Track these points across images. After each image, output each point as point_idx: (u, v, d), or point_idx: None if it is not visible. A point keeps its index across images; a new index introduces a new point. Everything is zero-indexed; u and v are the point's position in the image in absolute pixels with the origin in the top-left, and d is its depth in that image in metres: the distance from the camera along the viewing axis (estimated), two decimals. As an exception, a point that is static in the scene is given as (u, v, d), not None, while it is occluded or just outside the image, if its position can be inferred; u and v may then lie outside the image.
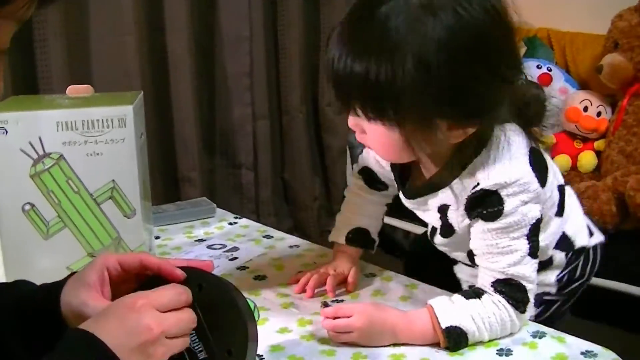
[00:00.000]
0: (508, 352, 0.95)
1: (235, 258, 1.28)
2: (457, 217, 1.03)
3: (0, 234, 1.08)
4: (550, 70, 2.39)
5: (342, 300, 1.11)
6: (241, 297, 0.76)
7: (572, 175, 2.27)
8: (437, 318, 0.96)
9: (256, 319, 0.83)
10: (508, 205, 0.96)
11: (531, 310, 1.01)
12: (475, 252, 1.01)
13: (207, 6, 2.37)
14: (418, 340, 0.97)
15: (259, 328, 0.79)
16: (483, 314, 0.96)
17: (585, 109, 2.30)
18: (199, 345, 0.74)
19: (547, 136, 1.21)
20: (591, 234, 1.18)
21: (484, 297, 0.98)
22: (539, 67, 2.36)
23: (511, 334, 0.99)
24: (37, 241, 1.09)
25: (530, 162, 0.98)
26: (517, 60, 0.96)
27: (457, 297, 0.99)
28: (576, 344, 0.96)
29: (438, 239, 1.12)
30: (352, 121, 0.98)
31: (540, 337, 0.98)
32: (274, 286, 1.16)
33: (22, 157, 1.06)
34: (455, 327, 0.95)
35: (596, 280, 1.87)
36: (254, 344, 0.76)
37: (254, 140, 2.53)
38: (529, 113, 1.01)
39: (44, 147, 1.06)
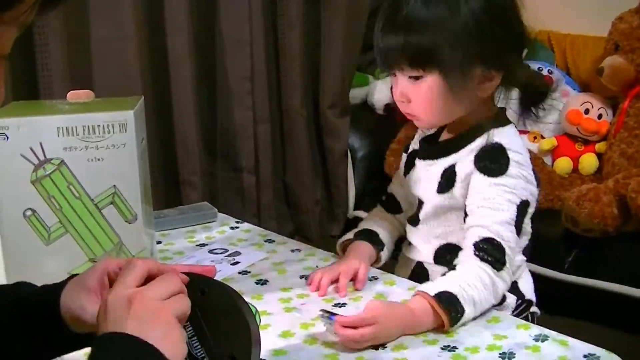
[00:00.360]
0: (511, 356, 0.95)
1: (237, 262, 1.28)
2: (465, 165, 1.12)
3: (1, 240, 1.08)
4: (551, 72, 2.39)
5: (343, 304, 1.11)
6: (243, 301, 0.76)
7: (573, 177, 2.26)
8: (426, 293, 1.01)
9: (258, 324, 0.82)
10: (512, 169, 1.09)
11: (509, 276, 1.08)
12: (468, 209, 1.10)
13: (207, 8, 2.37)
14: (423, 323, 1.00)
15: (262, 332, 0.79)
16: (460, 275, 1.04)
17: (587, 111, 2.30)
18: (202, 351, 0.74)
19: (548, 139, 1.30)
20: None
21: (457, 267, 1.06)
22: (539, 69, 2.36)
23: (512, 336, 0.99)
24: (39, 247, 1.08)
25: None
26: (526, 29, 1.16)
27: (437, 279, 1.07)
28: (579, 347, 0.96)
29: (425, 210, 1.18)
30: (397, 94, 1.13)
31: (542, 341, 0.98)
32: (276, 290, 1.16)
33: (23, 163, 1.06)
34: (443, 291, 1.01)
35: (599, 283, 1.89)
36: (257, 348, 0.76)
37: (255, 144, 2.53)
38: (534, 90, 1.19)
39: (45, 152, 1.06)
